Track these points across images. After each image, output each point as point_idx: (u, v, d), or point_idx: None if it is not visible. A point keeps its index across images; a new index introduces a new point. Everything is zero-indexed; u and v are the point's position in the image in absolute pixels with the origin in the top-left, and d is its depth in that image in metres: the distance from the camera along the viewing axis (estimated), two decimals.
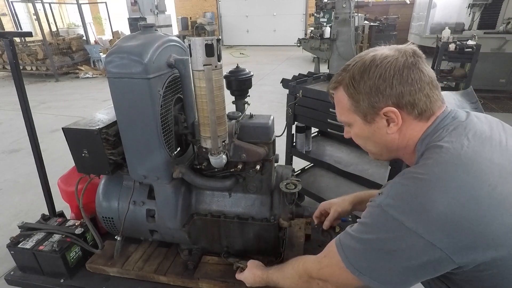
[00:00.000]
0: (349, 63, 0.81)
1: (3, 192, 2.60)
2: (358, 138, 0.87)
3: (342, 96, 0.81)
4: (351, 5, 4.47)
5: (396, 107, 0.74)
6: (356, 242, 0.74)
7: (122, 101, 1.13)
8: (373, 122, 0.78)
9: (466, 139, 0.69)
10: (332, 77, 0.85)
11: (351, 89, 0.78)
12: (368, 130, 0.81)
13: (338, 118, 0.88)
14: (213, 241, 1.40)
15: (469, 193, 0.62)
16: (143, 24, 1.19)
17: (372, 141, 0.84)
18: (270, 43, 12.40)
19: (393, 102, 0.74)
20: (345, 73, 0.80)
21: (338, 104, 0.85)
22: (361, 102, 0.77)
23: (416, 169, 0.70)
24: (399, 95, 0.73)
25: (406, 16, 9.10)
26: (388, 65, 0.73)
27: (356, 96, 0.78)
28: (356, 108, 0.79)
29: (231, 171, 1.26)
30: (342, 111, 0.84)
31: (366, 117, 0.79)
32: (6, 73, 7.87)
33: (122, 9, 10.29)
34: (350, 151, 2.19)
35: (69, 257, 1.39)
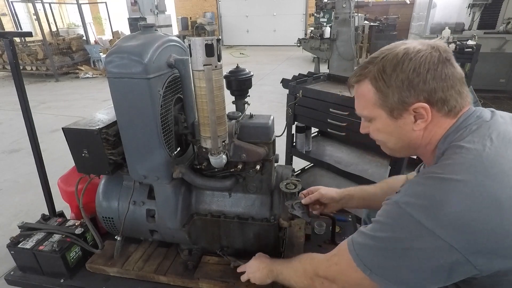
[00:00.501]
0: (376, 55, 0.77)
1: (3, 192, 2.60)
2: (378, 133, 0.83)
3: (367, 90, 0.78)
4: (351, 5, 4.46)
5: (427, 103, 0.71)
6: (370, 240, 0.72)
7: (122, 101, 1.13)
8: (400, 117, 0.75)
9: (489, 140, 0.67)
10: (356, 70, 0.82)
11: (380, 82, 0.74)
12: (392, 126, 0.78)
13: (358, 112, 0.85)
14: (213, 241, 1.40)
15: (490, 196, 0.60)
16: (143, 24, 1.18)
17: (394, 137, 0.80)
18: (270, 43, 12.40)
19: (424, 97, 0.71)
20: (372, 65, 0.76)
21: (361, 98, 0.81)
22: (390, 96, 0.74)
23: (435, 168, 0.68)
24: (432, 91, 0.70)
25: (406, 16, 9.09)
26: (423, 59, 0.70)
27: (385, 89, 0.74)
28: (383, 103, 0.76)
29: (231, 171, 1.26)
30: (365, 105, 0.80)
31: (392, 112, 0.76)
32: (6, 73, 7.87)
33: (122, 9, 10.28)
34: (350, 151, 2.19)
35: (69, 257, 1.39)
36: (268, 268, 1.07)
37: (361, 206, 1.23)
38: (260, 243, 1.34)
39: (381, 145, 0.88)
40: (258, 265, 1.10)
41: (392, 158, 1.61)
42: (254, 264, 1.12)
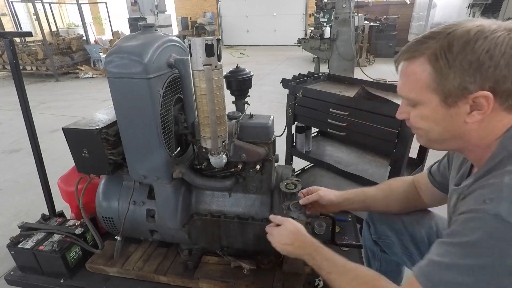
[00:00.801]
0: (439, 30, 0.66)
1: (3, 192, 2.60)
2: (421, 121, 0.72)
3: (420, 69, 0.66)
4: (351, 5, 4.46)
5: (492, 92, 0.61)
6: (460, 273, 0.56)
7: (122, 101, 1.13)
8: (454, 106, 0.65)
9: None
10: (409, 45, 0.70)
11: (441, 61, 0.63)
12: (442, 114, 0.67)
13: (403, 94, 0.73)
14: (213, 241, 1.40)
15: None
16: (143, 24, 1.19)
17: (440, 127, 0.69)
18: (270, 43, 12.39)
19: (490, 86, 0.60)
20: (433, 41, 0.65)
21: (410, 78, 0.69)
22: (450, 79, 0.62)
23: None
24: (501, 79, 0.60)
25: (406, 16, 9.10)
26: (500, 41, 0.59)
27: (445, 71, 0.63)
28: (439, 86, 0.65)
29: (231, 171, 1.26)
30: (413, 86, 0.69)
31: (447, 98, 0.65)
32: (6, 73, 7.86)
33: (122, 9, 10.28)
34: (350, 151, 2.19)
35: (69, 257, 1.39)
36: (306, 250, 0.90)
37: (361, 209, 1.17)
38: (260, 243, 1.34)
39: (419, 134, 0.76)
40: (294, 239, 0.94)
41: (392, 158, 1.60)
42: (289, 236, 0.95)
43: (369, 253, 1.24)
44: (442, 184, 0.98)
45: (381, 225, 1.15)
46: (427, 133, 0.74)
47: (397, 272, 1.25)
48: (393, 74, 6.43)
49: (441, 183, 0.98)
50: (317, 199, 1.14)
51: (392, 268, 1.22)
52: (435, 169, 1.02)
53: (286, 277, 1.32)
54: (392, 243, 1.13)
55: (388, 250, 1.17)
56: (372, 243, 1.21)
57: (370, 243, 1.22)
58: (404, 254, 1.11)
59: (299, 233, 0.94)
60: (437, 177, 1.00)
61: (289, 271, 1.34)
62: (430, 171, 1.03)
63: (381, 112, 1.54)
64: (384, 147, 1.62)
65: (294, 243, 0.94)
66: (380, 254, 1.21)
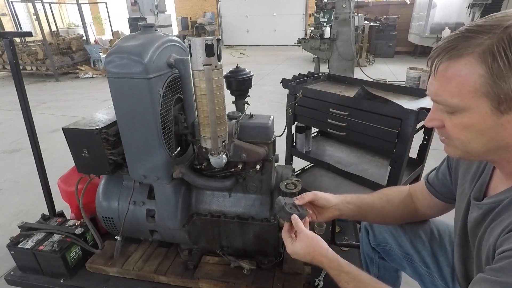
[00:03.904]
0: (490, 22, 0.56)
1: (3, 192, 2.60)
2: (462, 131, 0.62)
3: (468, 70, 0.57)
4: (351, 5, 4.46)
5: None
6: None
7: (122, 101, 1.13)
8: (508, 113, 0.56)
9: None
10: (449, 41, 0.59)
11: (501, 60, 0.53)
12: (491, 123, 0.58)
13: (440, 99, 0.62)
14: (213, 241, 1.40)
15: None
16: (143, 24, 1.18)
17: (486, 138, 0.61)
18: (270, 43, 12.39)
19: None
20: (485, 36, 0.55)
21: (453, 81, 0.59)
22: (509, 82, 0.54)
23: None
24: None
25: (406, 16, 9.09)
26: None
27: (502, 71, 0.53)
28: (492, 90, 0.55)
29: (231, 171, 1.26)
30: (458, 91, 0.59)
31: (501, 104, 0.56)
32: (6, 73, 7.87)
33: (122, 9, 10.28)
34: (350, 151, 2.19)
35: (69, 257, 1.39)
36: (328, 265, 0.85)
37: (357, 215, 1.07)
38: (260, 243, 1.34)
39: (455, 145, 0.67)
40: (311, 253, 0.87)
41: (392, 158, 1.60)
42: (305, 249, 0.88)
43: (367, 259, 1.22)
44: (443, 193, 0.94)
45: (380, 232, 1.13)
46: (466, 145, 0.64)
47: (395, 278, 1.24)
48: (393, 74, 6.43)
49: (442, 193, 0.94)
50: (313, 198, 1.04)
51: (390, 274, 1.21)
52: (433, 178, 0.97)
53: (286, 277, 1.33)
54: (392, 249, 1.11)
55: (387, 257, 1.15)
56: (371, 250, 1.19)
57: (368, 250, 1.20)
58: (404, 259, 1.09)
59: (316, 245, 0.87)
60: (436, 186, 0.95)
61: (289, 271, 1.34)
62: (427, 180, 0.98)
63: (381, 112, 1.54)
64: (384, 147, 1.62)
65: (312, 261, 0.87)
66: (378, 261, 1.19)
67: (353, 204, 1.04)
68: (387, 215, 1.04)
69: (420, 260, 1.04)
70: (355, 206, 1.04)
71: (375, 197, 1.06)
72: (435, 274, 1.00)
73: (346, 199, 1.05)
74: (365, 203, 1.05)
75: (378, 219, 1.07)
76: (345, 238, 1.61)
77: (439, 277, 1.00)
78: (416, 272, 1.07)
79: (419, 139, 1.85)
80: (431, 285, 1.03)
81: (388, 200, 1.04)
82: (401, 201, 1.03)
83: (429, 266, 1.02)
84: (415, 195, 1.03)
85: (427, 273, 1.03)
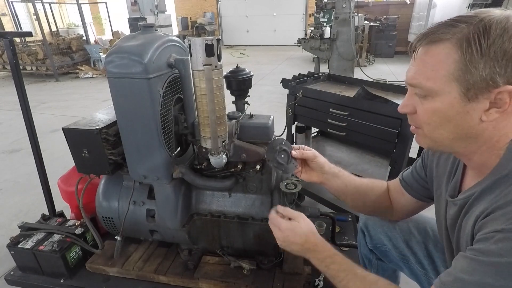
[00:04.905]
0: (473, 14, 0.59)
1: (3, 192, 2.60)
2: (432, 116, 0.65)
3: (445, 54, 0.59)
4: (351, 5, 4.46)
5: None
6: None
7: (122, 101, 1.13)
8: (474, 100, 0.59)
9: None
10: (432, 28, 0.62)
11: (473, 47, 0.56)
12: (457, 109, 0.61)
13: (415, 82, 0.65)
14: (213, 241, 1.40)
15: None
16: (143, 24, 1.18)
17: (452, 125, 0.63)
18: (270, 43, 12.39)
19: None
20: (465, 25, 0.58)
21: (430, 64, 0.62)
22: (479, 69, 0.56)
23: None
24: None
25: (406, 16, 9.10)
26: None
27: (476, 59, 0.56)
28: (464, 76, 0.58)
29: (231, 171, 1.26)
30: (433, 74, 0.61)
31: (469, 90, 0.58)
32: (6, 73, 7.87)
33: (122, 9, 10.28)
34: (350, 151, 2.19)
35: (69, 257, 1.39)
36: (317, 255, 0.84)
37: (339, 191, 1.04)
38: (260, 243, 1.34)
39: (423, 134, 0.69)
40: (305, 240, 0.85)
41: (392, 158, 1.60)
42: (301, 236, 0.85)
43: (365, 261, 1.23)
44: (416, 190, 0.95)
45: (376, 234, 1.13)
46: (433, 131, 0.66)
47: (393, 278, 1.24)
48: (393, 74, 6.43)
49: (415, 189, 0.95)
50: (311, 157, 1.00)
51: (388, 275, 1.21)
52: (408, 176, 0.97)
53: (286, 277, 1.33)
54: (388, 250, 1.11)
55: (384, 258, 1.15)
56: (368, 251, 1.19)
57: (365, 251, 1.21)
58: (400, 260, 1.09)
59: (312, 235, 0.86)
60: (410, 182, 0.96)
61: (289, 271, 1.34)
62: (402, 177, 0.99)
63: (381, 112, 1.54)
64: (384, 147, 1.62)
65: (304, 244, 0.85)
66: (376, 262, 1.20)
67: (341, 181, 1.03)
68: (367, 203, 1.05)
69: (416, 261, 1.04)
70: (343, 183, 1.03)
71: (362, 182, 1.05)
72: (431, 275, 1.00)
73: (338, 173, 1.03)
74: (352, 184, 1.03)
75: (358, 203, 1.07)
76: (345, 238, 1.61)
77: (436, 277, 0.99)
78: (413, 273, 1.07)
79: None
80: (428, 285, 1.03)
81: (372, 188, 1.04)
82: (381, 195, 1.04)
83: (425, 267, 1.03)
84: (390, 193, 1.04)
85: (424, 274, 1.03)
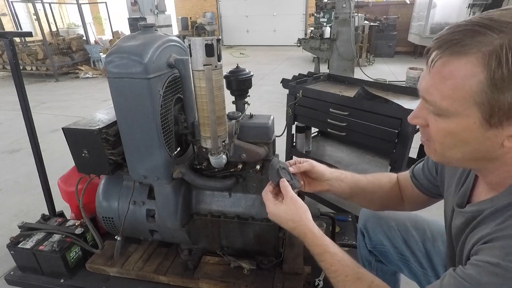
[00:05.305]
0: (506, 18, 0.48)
1: (3, 192, 2.60)
2: (445, 137, 0.58)
3: (468, 72, 0.49)
4: (351, 5, 4.46)
5: None
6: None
7: (122, 101, 1.13)
8: (497, 127, 0.51)
9: None
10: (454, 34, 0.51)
11: (505, 67, 0.46)
12: (476, 135, 0.53)
13: (429, 98, 0.56)
14: (213, 241, 1.40)
15: None
16: (143, 24, 1.18)
17: (468, 148, 0.56)
18: (270, 43, 12.39)
19: None
20: (496, 35, 0.47)
21: (448, 81, 0.52)
22: (508, 94, 0.47)
23: None
24: None
25: (406, 16, 9.09)
26: None
27: (504, 81, 0.46)
28: (487, 100, 0.49)
29: (231, 171, 1.26)
30: (450, 94, 0.52)
31: (492, 117, 0.50)
32: (6, 73, 7.87)
33: (122, 9, 10.28)
34: (350, 151, 2.19)
35: (69, 257, 1.39)
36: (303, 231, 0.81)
37: (345, 194, 1.02)
38: (260, 243, 1.34)
39: (435, 149, 0.63)
40: (297, 221, 0.81)
41: (392, 158, 1.60)
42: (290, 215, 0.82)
43: (365, 263, 1.22)
44: (428, 187, 0.92)
45: (375, 234, 1.13)
46: (446, 151, 0.60)
47: (394, 281, 1.24)
48: (393, 74, 6.43)
49: (426, 187, 0.92)
50: (309, 168, 0.98)
51: (388, 277, 1.21)
52: (419, 172, 0.94)
53: (286, 277, 1.33)
54: (388, 251, 1.11)
55: (383, 259, 1.15)
56: (368, 253, 1.19)
57: (365, 253, 1.20)
58: (400, 260, 1.09)
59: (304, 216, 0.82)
60: (422, 180, 0.93)
61: (289, 271, 1.34)
62: (413, 174, 0.96)
63: (381, 112, 1.54)
64: (384, 147, 1.62)
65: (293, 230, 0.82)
66: (376, 264, 1.19)
67: (346, 184, 1.00)
68: (375, 200, 1.03)
69: (415, 260, 1.04)
70: (347, 186, 1.00)
71: (368, 180, 1.02)
72: (430, 274, 1.01)
73: (340, 177, 1.00)
74: (357, 185, 1.01)
75: (365, 202, 1.05)
76: (345, 238, 1.61)
77: (434, 277, 1.01)
78: (413, 272, 1.07)
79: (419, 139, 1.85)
80: (427, 284, 1.03)
81: (379, 185, 1.01)
82: (391, 189, 1.01)
83: (424, 266, 1.03)
84: (401, 186, 1.01)
85: (423, 273, 1.03)
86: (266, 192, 0.90)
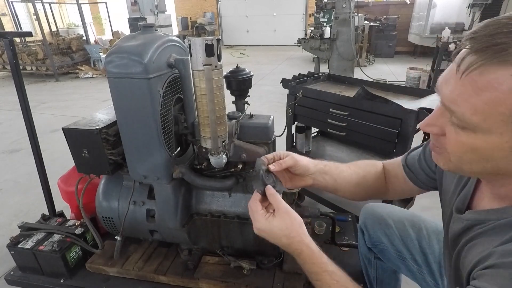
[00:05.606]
0: None
1: (3, 192, 2.60)
2: (466, 152, 0.52)
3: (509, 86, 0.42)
4: (351, 5, 4.46)
5: None
6: None
7: (122, 101, 1.13)
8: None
9: None
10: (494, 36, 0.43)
11: None
12: (506, 154, 0.48)
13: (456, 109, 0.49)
14: (213, 241, 1.40)
15: None
16: (143, 24, 1.18)
17: (490, 164, 0.51)
18: (270, 43, 12.40)
19: None
20: None
21: (484, 93, 0.44)
22: None
23: None
24: None
25: (406, 16, 9.09)
26: None
27: None
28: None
29: (231, 171, 1.26)
30: (485, 109, 0.45)
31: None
32: (6, 73, 7.87)
33: (122, 9, 10.28)
34: (350, 151, 2.19)
35: (69, 257, 1.39)
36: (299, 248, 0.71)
37: (329, 187, 0.94)
38: (260, 243, 1.34)
39: (452, 160, 0.56)
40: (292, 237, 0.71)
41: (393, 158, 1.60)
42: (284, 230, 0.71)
43: (365, 260, 1.23)
44: (424, 181, 0.87)
45: (374, 232, 1.13)
46: (463, 164, 0.54)
47: (395, 279, 1.24)
48: (393, 74, 6.43)
49: (423, 180, 0.87)
50: (292, 165, 0.87)
51: (389, 276, 1.22)
52: (414, 163, 0.88)
53: (286, 277, 1.33)
54: (386, 248, 1.11)
55: (382, 256, 1.15)
56: (367, 250, 1.20)
57: (365, 250, 1.21)
58: (397, 257, 1.09)
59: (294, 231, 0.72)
60: (417, 171, 0.87)
61: (289, 271, 1.34)
62: (407, 165, 0.90)
63: (381, 112, 1.54)
64: (384, 147, 1.62)
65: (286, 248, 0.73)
66: (375, 261, 1.20)
67: (330, 176, 0.93)
68: (359, 191, 0.97)
69: (412, 258, 1.05)
70: (331, 178, 0.93)
71: (352, 171, 0.96)
72: (425, 271, 1.02)
73: (324, 169, 0.93)
74: (341, 177, 0.94)
75: (348, 194, 0.97)
76: (345, 238, 1.61)
77: (428, 273, 1.02)
78: (409, 270, 1.08)
79: (419, 139, 1.85)
80: (423, 282, 1.05)
81: (364, 176, 0.96)
82: (376, 179, 0.97)
83: (419, 263, 1.04)
84: (388, 175, 0.97)
85: (418, 270, 1.05)
86: (255, 203, 0.76)
